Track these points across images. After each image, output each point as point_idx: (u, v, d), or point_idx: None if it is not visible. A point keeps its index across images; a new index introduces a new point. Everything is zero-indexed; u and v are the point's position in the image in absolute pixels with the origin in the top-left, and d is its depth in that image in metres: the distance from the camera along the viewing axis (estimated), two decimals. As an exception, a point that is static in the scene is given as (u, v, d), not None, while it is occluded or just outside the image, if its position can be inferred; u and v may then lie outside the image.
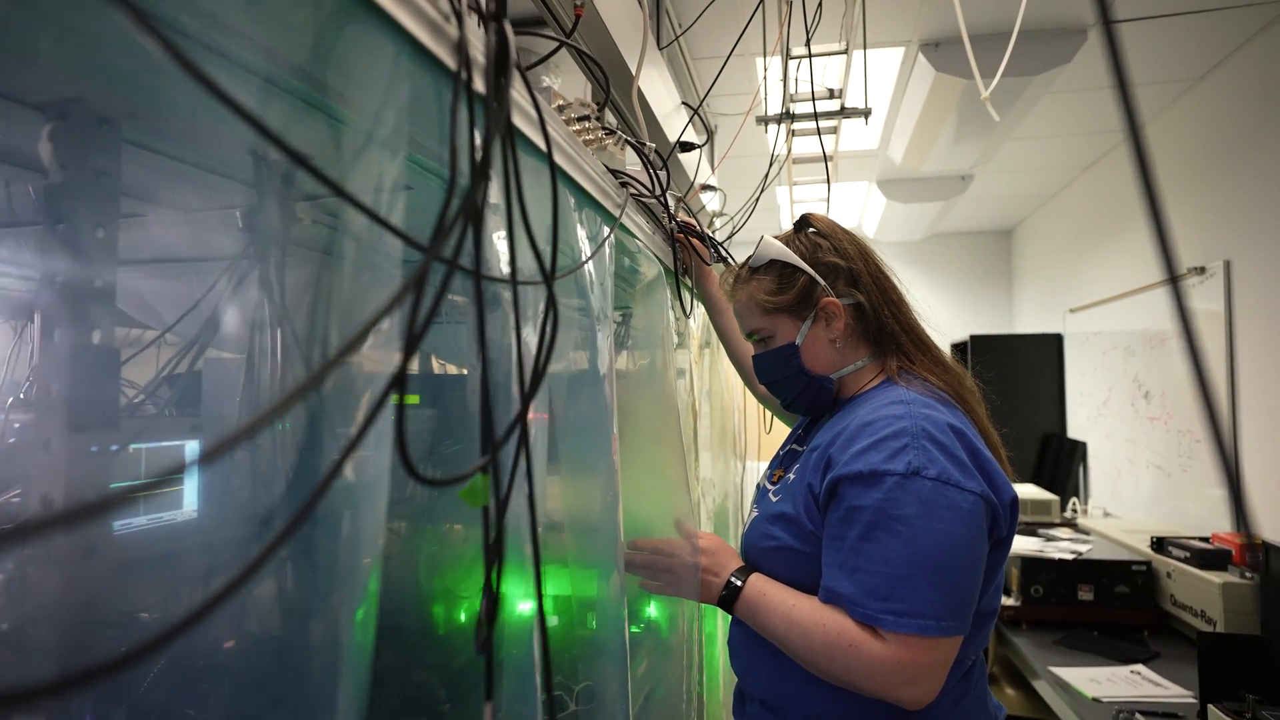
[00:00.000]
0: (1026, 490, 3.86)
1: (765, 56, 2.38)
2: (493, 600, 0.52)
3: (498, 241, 0.57)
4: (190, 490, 0.85)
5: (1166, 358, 3.49)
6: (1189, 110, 3.30)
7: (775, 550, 0.96)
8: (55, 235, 0.63)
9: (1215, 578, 2.26)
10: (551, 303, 0.51)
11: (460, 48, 0.49)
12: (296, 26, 0.54)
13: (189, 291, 0.84)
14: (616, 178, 1.01)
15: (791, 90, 2.26)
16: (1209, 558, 2.37)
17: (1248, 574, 2.26)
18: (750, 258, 1.12)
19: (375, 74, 0.51)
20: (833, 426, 0.99)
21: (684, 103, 2.33)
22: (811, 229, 1.10)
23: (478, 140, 0.48)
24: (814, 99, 2.17)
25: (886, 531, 0.83)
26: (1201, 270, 3.13)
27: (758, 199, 2.08)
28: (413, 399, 1.56)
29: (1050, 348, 4.98)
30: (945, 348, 5.22)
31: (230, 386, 0.95)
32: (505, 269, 0.62)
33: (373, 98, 0.52)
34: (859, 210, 5.45)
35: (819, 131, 2.14)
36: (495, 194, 0.57)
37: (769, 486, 1.07)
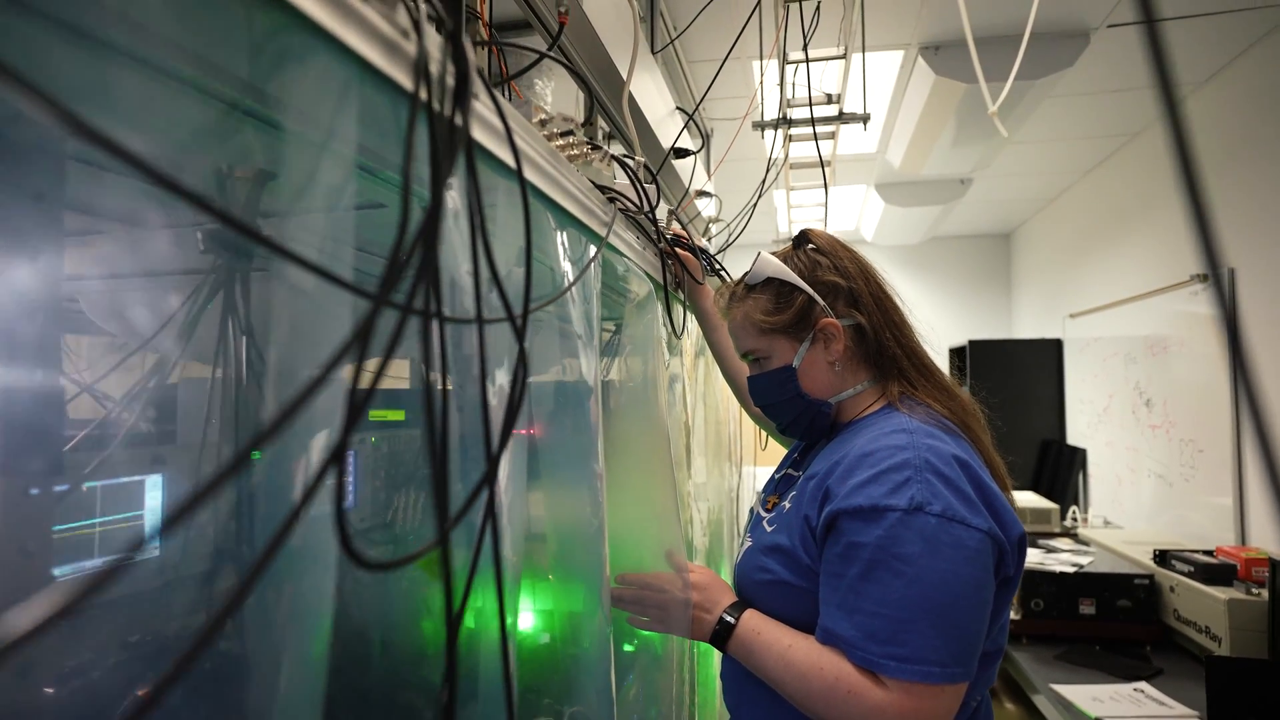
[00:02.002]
0: (1026, 498, 3.82)
1: (762, 59, 2.34)
2: (453, 672, 0.47)
3: (466, 276, 0.52)
4: (151, 526, 0.80)
5: (1168, 365, 3.45)
6: (1194, 114, 3.26)
7: (769, 584, 0.92)
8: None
9: (1221, 594, 2.22)
10: (522, 357, 0.46)
11: (419, 65, 0.44)
12: (245, 43, 0.49)
13: (143, 315, 0.79)
14: (604, 193, 0.96)
15: (789, 95, 2.21)
16: (1214, 572, 2.33)
17: (1254, 590, 2.21)
18: (746, 275, 1.07)
19: (328, 92, 0.46)
20: (830, 454, 0.94)
21: (679, 108, 2.28)
22: (811, 245, 1.05)
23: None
24: (811, 104, 2.13)
25: (888, 571, 0.79)
26: (1204, 278, 3.09)
27: (754, 206, 2.03)
28: (397, 415, 1.50)
29: (1050, 353, 4.94)
30: (944, 353, 5.18)
31: (194, 412, 0.90)
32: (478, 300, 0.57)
33: (327, 115, 0.48)
34: (857, 214, 5.41)
35: (815, 137, 2.10)
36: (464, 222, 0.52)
37: (763, 514, 1.03)
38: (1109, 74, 3.02)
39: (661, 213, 1.32)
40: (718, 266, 1.56)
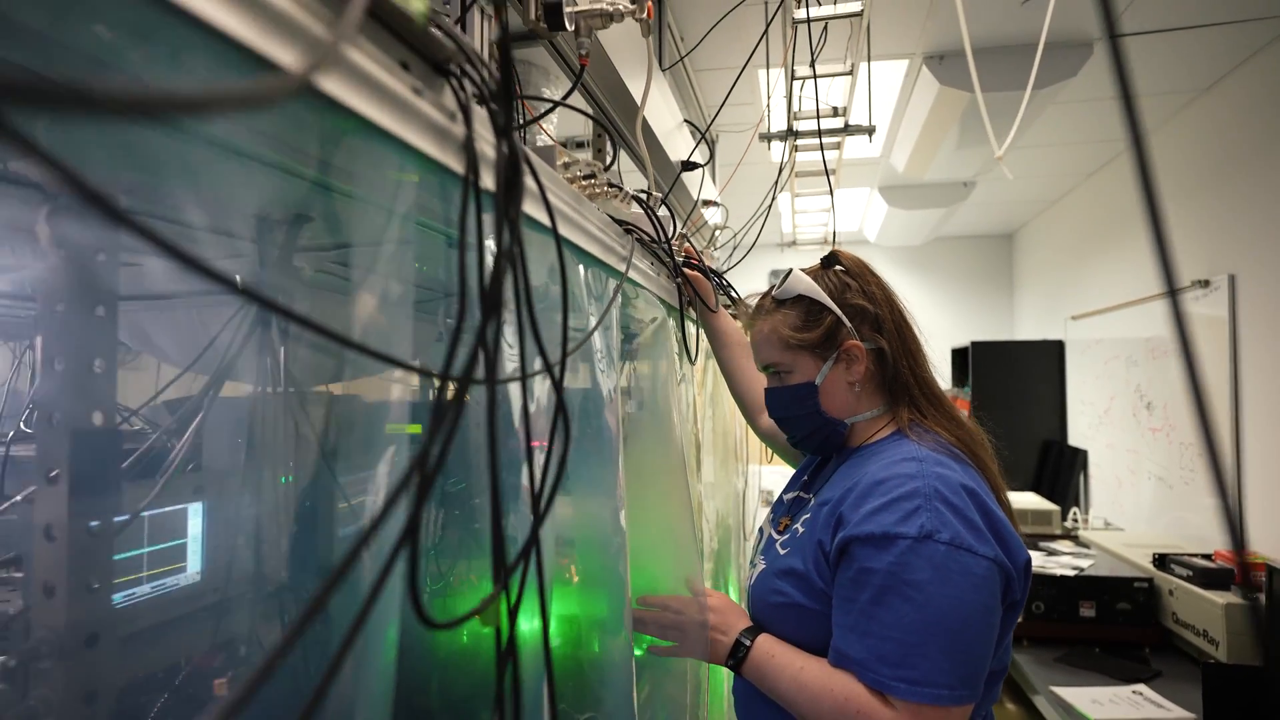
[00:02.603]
0: (1027, 499, 3.86)
1: (768, 69, 2.37)
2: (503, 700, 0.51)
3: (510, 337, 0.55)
4: (194, 553, 0.84)
5: (1169, 369, 3.49)
6: (1195, 121, 3.29)
7: (784, 606, 0.95)
8: (55, 317, 0.61)
9: (1218, 598, 2.26)
10: (563, 414, 0.50)
11: (468, 147, 0.48)
12: (316, 135, 0.53)
13: (185, 352, 0.83)
14: (621, 225, 0.99)
15: (795, 108, 2.24)
16: (1212, 577, 2.37)
17: (1251, 594, 2.25)
18: (775, 288, 1.09)
19: (388, 174, 0.50)
20: (842, 480, 0.98)
21: (686, 120, 2.31)
22: (840, 267, 1.08)
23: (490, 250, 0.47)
24: (818, 116, 2.16)
25: (898, 596, 0.82)
26: (1206, 283, 3.12)
27: (762, 223, 2.06)
28: (414, 429, 1.54)
29: (1051, 354, 4.97)
30: (947, 355, 5.17)
31: (228, 441, 0.94)
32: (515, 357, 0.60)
33: (388, 193, 0.51)
34: (860, 215, 5.43)
35: (822, 148, 2.13)
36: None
37: (775, 536, 1.06)
38: (1113, 83, 3.04)
39: (674, 242, 1.36)
40: (727, 286, 1.59)
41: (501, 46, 0.43)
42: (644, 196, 1.00)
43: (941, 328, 5.98)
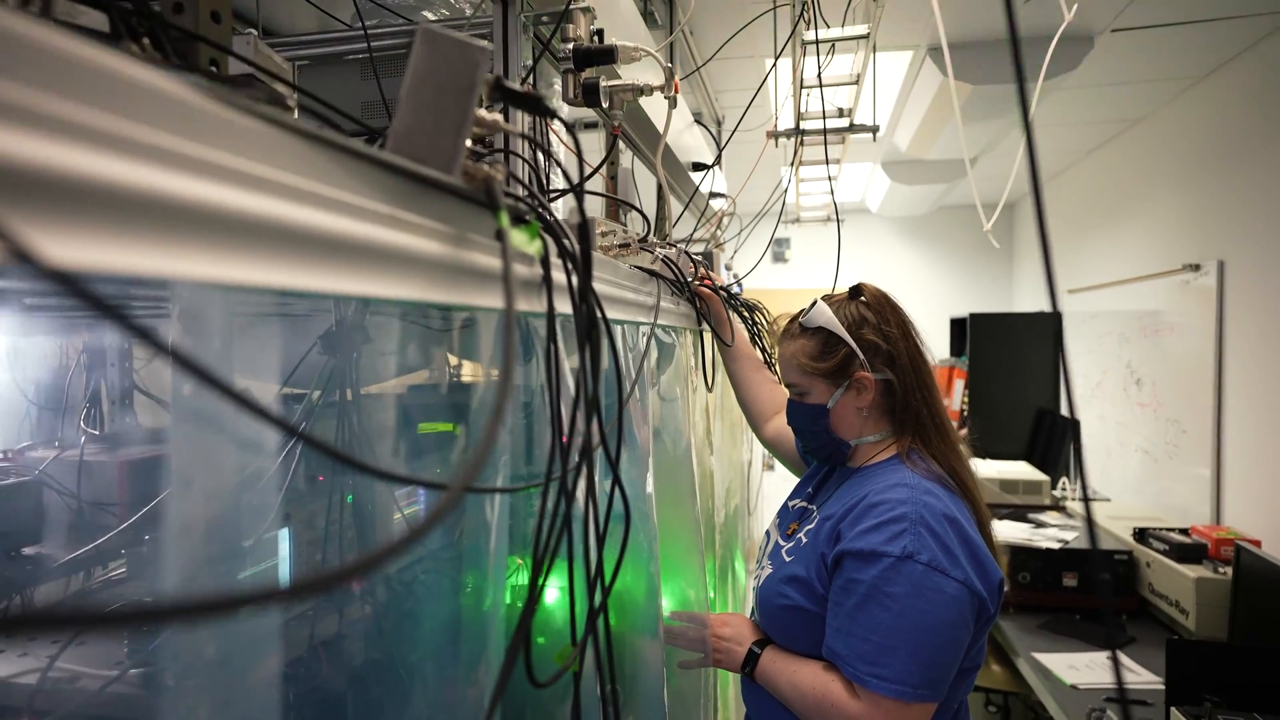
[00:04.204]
0: (1019, 469, 4.02)
1: (775, 71, 2.43)
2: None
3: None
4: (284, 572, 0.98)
5: (1159, 348, 3.61)
6: (1193, 107, 3.34)
7: (788, 608, 1.11)
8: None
9: (1190, 571, 2.43)
10: (616, 483, 0.63)
11: (549, 319, 0.60)
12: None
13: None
14: (647, 271, 1.11)
15: (803, 109, 2.32)
16: (1186, 551, 2.53)
17: (1220, 569, 2.42)
18: (802, 314, 1.21)
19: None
20: (843, 497, 1.12)
21: (697, 120, 2.40)
22: (862, 299, 1.19)
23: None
24: (824, 116, 2.24)
25: (878, 605, 0.97)
26: (1196, 267, 3.22)
27: (773, 236, 2.16)
28: (447, 427, 1.67)
29: (1048, 327, 5.08)
30: (946, 323, 5.23)
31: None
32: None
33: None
34: (863, 187, 5.49)
35: (825, 146, 2.21)
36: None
37: (782, 543, 1.21)
38: (1113, 71, 3.10)
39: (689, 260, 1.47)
40: (735, 304, 1.71)
41: (581, 232, 0.55)
42: (673, 257, 1.11)
43: (941, 298, 6.08)
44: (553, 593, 1.09)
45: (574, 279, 0.58)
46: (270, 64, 0.96)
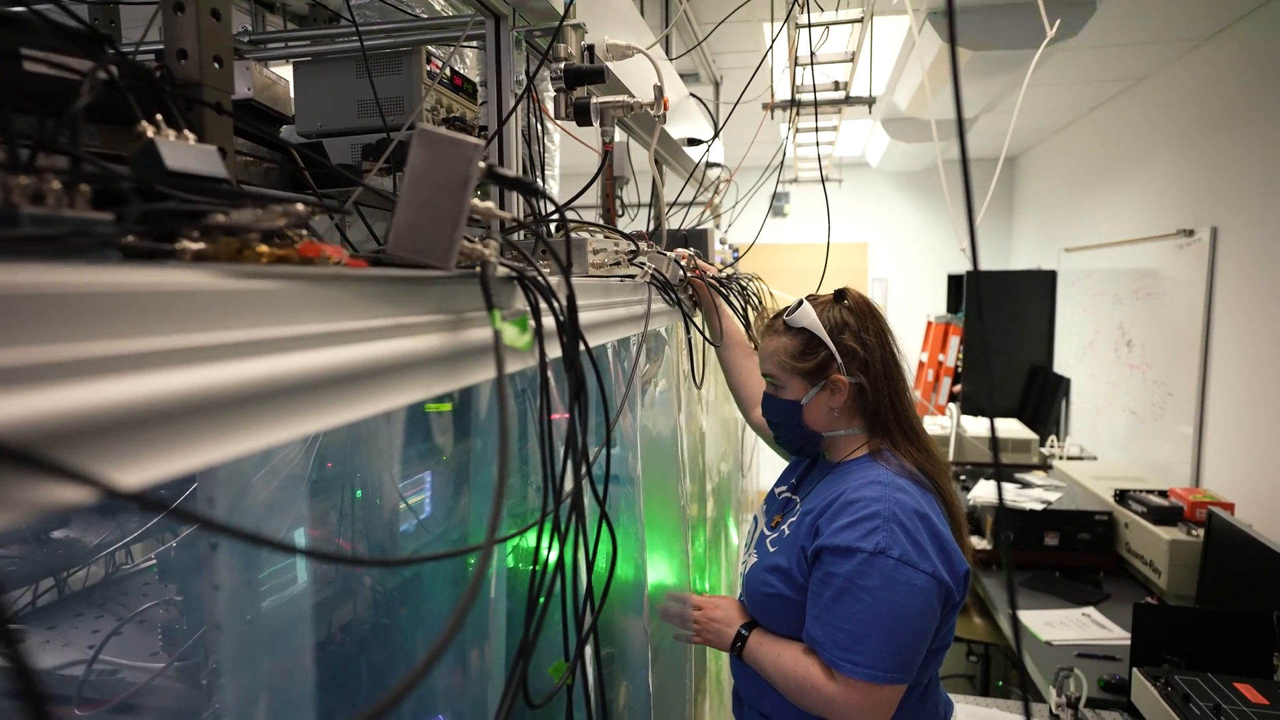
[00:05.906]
0: (1010, 426, 4.12)
1: (773, 81, 2.41)
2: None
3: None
4: (301, 567, 1.06)
5: (1151, 311, 3.65)
6: (1193, 69, 3.31)
7: (771, 596, 1.19)
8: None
9: (1165, 534, 2.53)
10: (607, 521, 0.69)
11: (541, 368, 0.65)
12: None
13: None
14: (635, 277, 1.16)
15: (799, 82, 2.32)
16: (1162, 513, 2.63)
17: (1193, 530, 2.52)
18: (789, 310, 1.26)
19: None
20: (823, 492, 1.19)
21: (693, 94, 2.39)
22: (846, 304, 1.24)
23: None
24: (814, 89, 2.24)
25: (852, 597, 1.06)
26: (1190, 233, 3.24)
27: (773, 198, 2.18)
28: (444, 406, 1.73)
29: (1044, 283, 5.11)
30: (944, 281, 5.22)
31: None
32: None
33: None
34: (863, 143, 5.44)
35: (817, 127, 2.22)
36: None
37: (767, 534, 1.28)
38: (1114, 32, 3.05)
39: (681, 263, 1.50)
40: (724, 293, 1.74)
41: (569, 306, 0.60)
42: (664, 269, 1.15)
43: (939, 253, 6.08)
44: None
45: (565, 336, 0.63)
46: (270, 93, 0.99)
